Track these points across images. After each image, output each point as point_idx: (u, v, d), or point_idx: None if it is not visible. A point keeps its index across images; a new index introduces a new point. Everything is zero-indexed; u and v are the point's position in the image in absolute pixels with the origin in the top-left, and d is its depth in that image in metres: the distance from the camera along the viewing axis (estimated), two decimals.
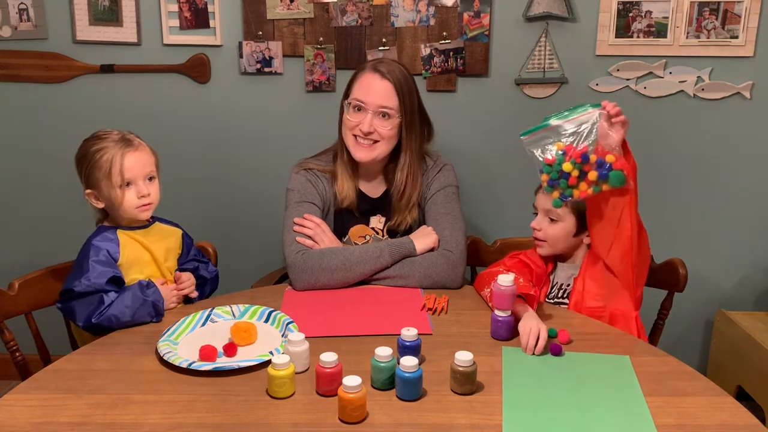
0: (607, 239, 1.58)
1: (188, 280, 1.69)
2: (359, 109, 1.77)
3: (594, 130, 1.51)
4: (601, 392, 1.26)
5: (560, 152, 1.49)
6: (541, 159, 1.53)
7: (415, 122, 1.82)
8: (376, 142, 1.78)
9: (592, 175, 1.48)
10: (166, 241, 1.70)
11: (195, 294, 1.71)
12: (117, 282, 1.56)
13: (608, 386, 1.28)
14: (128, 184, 1.57)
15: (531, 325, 1.42)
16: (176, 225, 1.77)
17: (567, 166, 1.48)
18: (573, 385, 1.28)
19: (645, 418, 1.18)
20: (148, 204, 1.62)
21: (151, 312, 1.54)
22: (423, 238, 1.76)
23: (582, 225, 1.69)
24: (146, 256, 1.63)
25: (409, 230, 1.87)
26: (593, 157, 1.48)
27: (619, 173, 1.47)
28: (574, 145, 1.49)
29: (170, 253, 1.70)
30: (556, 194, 1.53)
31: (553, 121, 1.52)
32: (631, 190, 1.52)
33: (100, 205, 1.61)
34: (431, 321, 1.54)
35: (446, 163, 1.91)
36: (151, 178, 1.63)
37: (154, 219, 1.71)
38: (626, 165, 1.49)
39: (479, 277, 1.73)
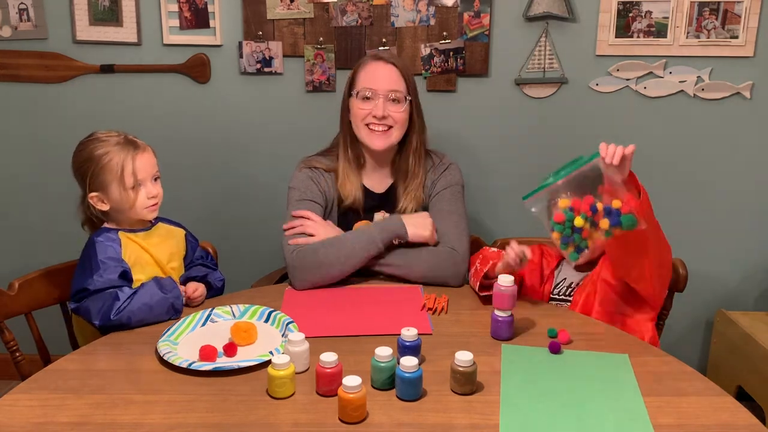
0: (627, 265, 1.55)
1: (198, 293, 1.65)
2: (369, 98, 1.78)
3: (597, 179, 1.51)
4: (598, 390, 1.25)
5: (568, 209, 1.44)
6: (549, 218, 1.47)
7: (420, 106, 1.86)
8: (390, 128, 1.79)
9: (604, 223, 1.41)
10: (168, 243, 1.69)
11: (200, 302, 1.67)
12: (126, 277, 1.55)
13: (606, 384, 1.28)
14: (139, 185, 1.59)
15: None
16: (180, 225, 1.76)
17: (578, 221, 1.42)
18: (571, 383, 1.28)
19: (642, 417, 1.18)
20: (156, 204, 1.63)
21: (170, 309, 1.54)
22: (416, 226, 1.75)
23: None
24: (147, 258, 1.63)
25: None
26: (600, 206, 1.43)
27: (629, 217, 1.40)
28: (580, 198, 1.44)
29: (174, 255, 1.70)
30: (571, 249, 1.47)
31: (554, 180, 1.46)
32: (650, 224, 1.46)
33: (105, 208, 1.60)
34: (431, 321, 1.54)
35: (452, 163, 1.91)
36: (156, 179, 1.64)
37: (157, 220, 1.70)
38: (635, 204, 1.43)
39: (472, 257, 1.73)
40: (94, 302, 1.50)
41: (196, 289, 1.65)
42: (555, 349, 1.40)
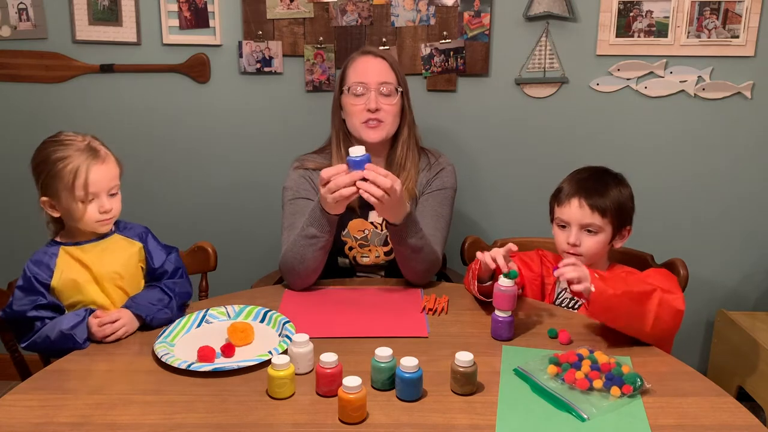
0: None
1: (109, 332, 1.44)
2: (360, 93, 1.79)
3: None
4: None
5: (558, 376, 1.29)
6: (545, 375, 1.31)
7: (409, 98, 1.87)
8: (381, 122, 1.80)
9: (598, 383, 1.27)
10: (115, 258, 1.54)
11: (115, 337, 1.46)
12: (49, 307, 1.47)
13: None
14: (91, 198, 1.47)
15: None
16: (143, 236, 1.61)
17: (579, 374, 1.27)
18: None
19: (640, 417, 1.18)
20: (110, 219, 1.52)
21: (69, 344, 1.41)
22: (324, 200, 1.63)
23: (616, 230, 1.65)
24: (85, 276, 1.51)
25: (406, 215, 1.86)
26: (599, 381, 1.27)
27: (631, 376, 1.27)
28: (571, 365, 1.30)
29: (121, 273, 1.54)
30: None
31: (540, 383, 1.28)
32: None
33: (56, 214, 1.50)
34: (428, 324, 1.54)
35: (450, 165, 1.91)
36: (113, 194, 1.51)
37: (115, 230, 1.58)
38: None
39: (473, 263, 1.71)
40: (14, 327, 1.49)
41: (111, 323, 1.45)
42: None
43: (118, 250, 1.56)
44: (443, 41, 2.26)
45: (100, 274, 1.52)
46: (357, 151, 1.53)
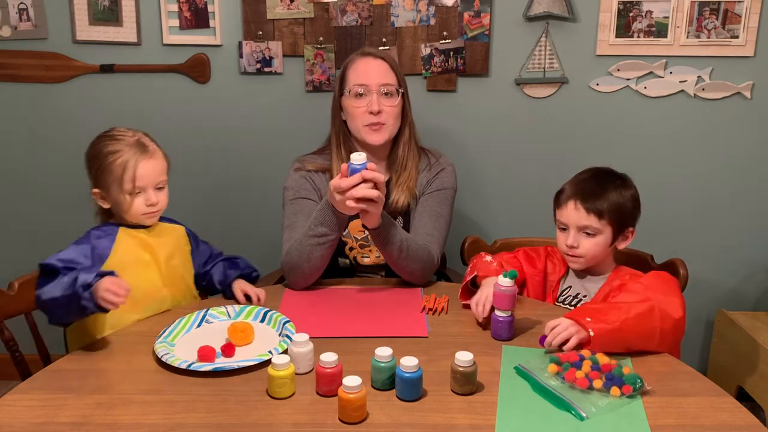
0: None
1: (256, 298, 1.65)
2: (361, 95, 1.78)
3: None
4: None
5: (558, 375, 1.29)
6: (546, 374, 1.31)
7: (409, 98, 1.87)
8: (383, 124, 1.79)
9: (598, 383, 1.27)
10: (169, 239, 1.67)
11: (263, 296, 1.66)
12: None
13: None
14: (138, 192, 1.55)
15: (479, 296, 1.53)
16: (178, 222, 1.75)
17: (579, 374, 1.28)
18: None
19: (640, 417, 1.18)
20: (156, 212, 1.60)
21: (80, 308, 1.37)
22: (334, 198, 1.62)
23: (617, 232, 1.64)
24: (146, 257, 1.60)
25: (406, 213, 1.87)
26: (599, 381, 1.27)
27: (631, 377, 1.26)
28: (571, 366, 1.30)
29: (174, 253, 1.67)
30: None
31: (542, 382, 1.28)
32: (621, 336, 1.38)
33: (106, 206, 1.60)
34: (428, 324, 1.54)
35: (450, 165, 1.91)
36: (160, 188, 1.60)
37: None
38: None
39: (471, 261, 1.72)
40: (43, 276, 1.47)
41: (256, 295, 1.65)
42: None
43: (168, 234, 1.67)
44: (443, 41, 2.27)
45: (160, 254, 1.61)
46: (358, 159, 1.53)
